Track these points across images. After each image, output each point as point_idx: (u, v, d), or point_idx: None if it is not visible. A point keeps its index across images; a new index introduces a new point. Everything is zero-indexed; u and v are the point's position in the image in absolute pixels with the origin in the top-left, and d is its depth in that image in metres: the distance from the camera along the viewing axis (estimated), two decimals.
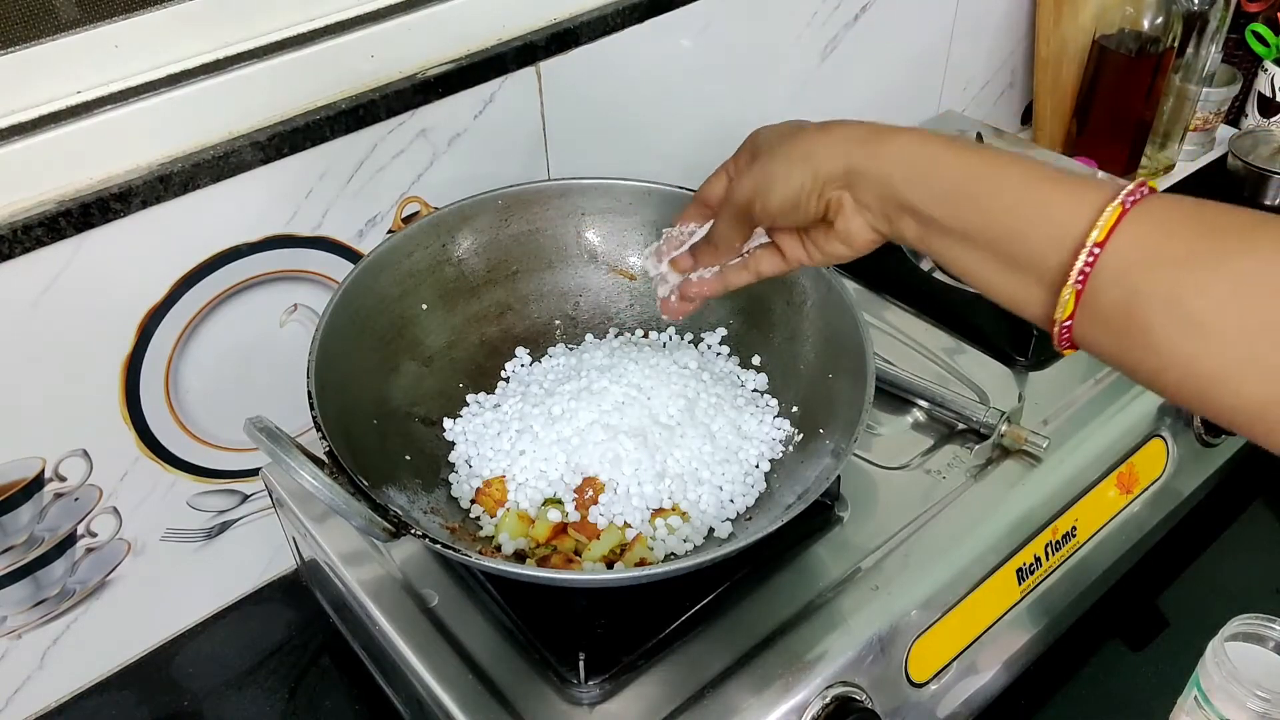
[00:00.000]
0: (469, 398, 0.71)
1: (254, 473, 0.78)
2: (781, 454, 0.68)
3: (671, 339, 0.77)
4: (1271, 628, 0.62)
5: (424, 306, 0.71)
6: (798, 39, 0.98)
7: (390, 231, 0.77)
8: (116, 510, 0.71)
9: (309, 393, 0.57)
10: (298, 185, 0.70)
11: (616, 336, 0.77)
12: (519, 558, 0.62)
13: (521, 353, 0.75)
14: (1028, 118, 1.30)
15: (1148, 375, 0.40)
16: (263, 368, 0.75)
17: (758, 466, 0.67)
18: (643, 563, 0.61)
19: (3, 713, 0.73)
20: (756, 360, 0.74)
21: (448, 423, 0.70)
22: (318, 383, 0.58)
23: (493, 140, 0.79)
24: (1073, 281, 0.40)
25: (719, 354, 0.75)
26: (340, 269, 0.75)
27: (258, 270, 0.71)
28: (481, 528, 0.64)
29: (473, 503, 0.65)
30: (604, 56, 0.82)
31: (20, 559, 0.68)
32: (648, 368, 0.69)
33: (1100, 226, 0.40)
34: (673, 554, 0.62)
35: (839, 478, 0.63)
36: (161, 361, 0.69)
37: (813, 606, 0.62)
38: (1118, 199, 0.40)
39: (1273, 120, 1.27)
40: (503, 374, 0.74)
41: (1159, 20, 1.10)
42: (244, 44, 0.67)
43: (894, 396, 0.77)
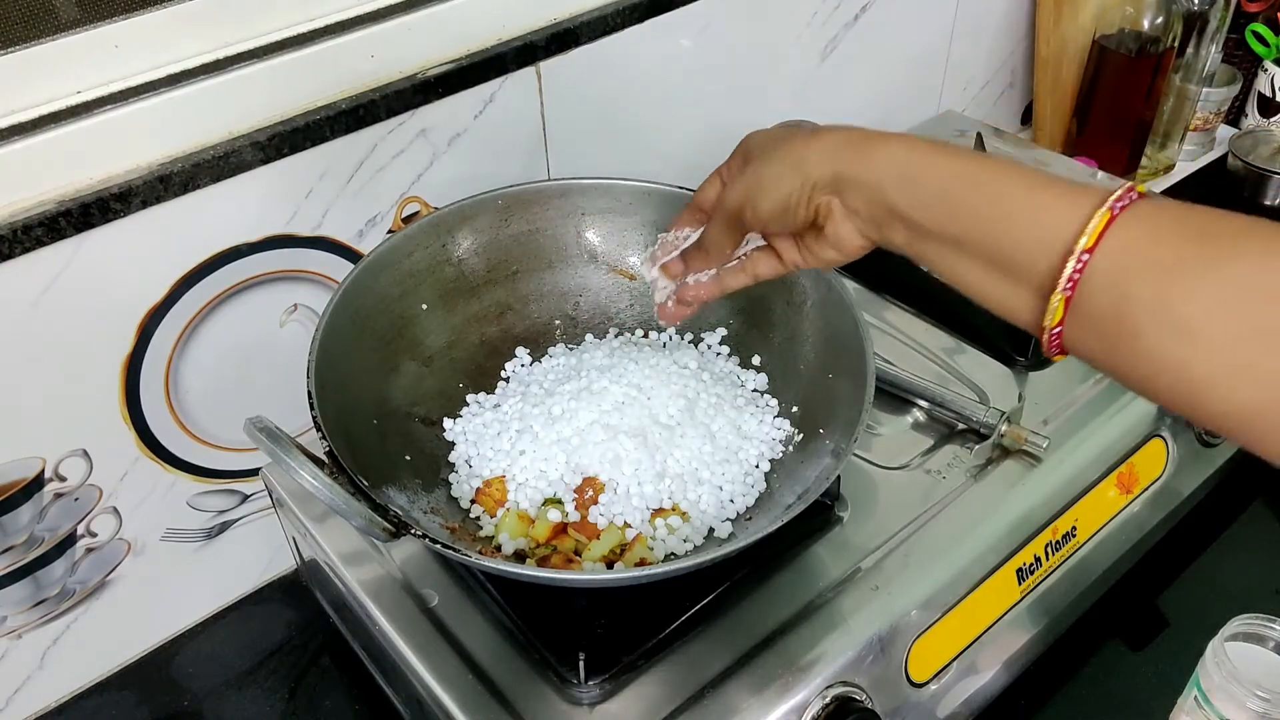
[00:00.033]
0: (469, 398, 0.71)
1: (254, 473, 0.78)
2: (781, 454, 0.68)
3: (671, 339, 0.77)
4: (1271, 628, 0.62)
5: (424, 306, 0.71)
6: (798, 39, 0.98)
7: (390, 231, 0.77)
8: (116, 510, 0.71)
9: (309, 393, 0.57)
10: (298, 185, 0.70)
11: (616, 336, 0.77)
12: (519, 558, 0.62)
13: (521, 353, 0.75)
14: (1028, 118, 1.30)
15: (1139, 381, 0.40)
16: (263, 368, 0.75)
17: (758, 466, 0.67)
18: (643, 563, 0.61)
19: (3, 713, 0.73)
20: (756, 360, 0.74)
21: (448, 423, 0.70)
22: (318, 383, 0.58)
23: (493, 140, 0.79)
24: (1062, 288, 0.40)
25: (719, 354, 0.75)
26: (340, 269, 0.75)
27: (258, 270, 0.71)
28: (481, 528, 0.64)
29: (473, 503, 0.65)
30: (604, 56, 0.82)
31: (20, 559, 0.68)
32: (648, 368, 0.69)
33: (1089, 233, 0.39)
34: (673, 554, 0.62)
35: (839, 478, 0.63)
36: (161, 361, 0.69)
37: (813, 606, 0.62)
38: (1106, 205, 0.40)
39: (1273, 120, 1.27)
40: (503, 374, 0.74)
41: (1159, 20, 1.10)
42: (244, 44, 0.67)
43: (894, 396, 0.77)
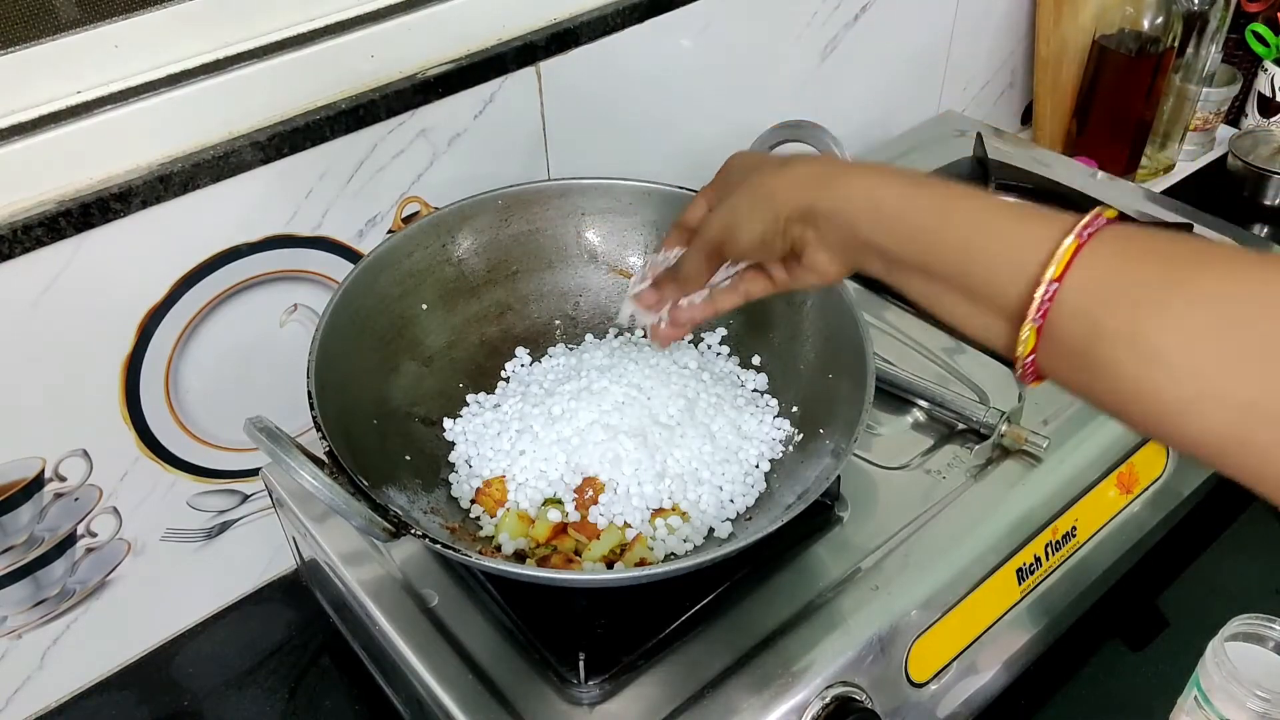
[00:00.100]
0: (469, 398, 0.71)
1: (254, 473, 0.78)
2: (781, 454, 0.68)
3: None
4: (1271, 628, 0.62)
5: (424, 306, 0.71)
6: (798, 39, 0.98)
7: (390, 231, 0.77)
8: (116, 510, 0.71)
9: (309, 393, 0.57)
10: (298, 185, 0.70)
11: (616, 336, 0.77)
12: (519, 558, 0.62)
13: (521, 353, 0.75)
14: (1028, 118, 1.30)
15: (1113, 408, 0.40)
16: (263, 368, 0.75)
17: (758, 466, 0.67)
18: (643, 563, 0.61)
19: (3, 713, 0.73)
20: (756, 360, 0.74)
21: (448, 423, 0.70)
22: (318, 383, 0.58)
23: (493, 140, 0.79)
24: (1032, 317, 0.40)
25: (719, 354, 0.75)
26: (340, 269, 0.75)
27: (258, 270, 0.71)
28: (481, 528, 0.64)
29: (473, 503, 0.65)
30: (604, 56, 0.82)
31: (20, 559, 0.68)
32: (648, 368, 0.69)
33: (1057, 261, 0.39)
34: (673, 554, 0.62)
35: (839, 478, 0.63)
36: (161, 361, 0.69)
37: (813, 606, 0.62)
38: (1073, 232, 0.39)
39: (1273, 120, 1.27)
40: (503, 374, 0.74)
41: (1159, 20, 1.10)
42: (244, 44, 0.67)
43: (894, 396, 0.77)
